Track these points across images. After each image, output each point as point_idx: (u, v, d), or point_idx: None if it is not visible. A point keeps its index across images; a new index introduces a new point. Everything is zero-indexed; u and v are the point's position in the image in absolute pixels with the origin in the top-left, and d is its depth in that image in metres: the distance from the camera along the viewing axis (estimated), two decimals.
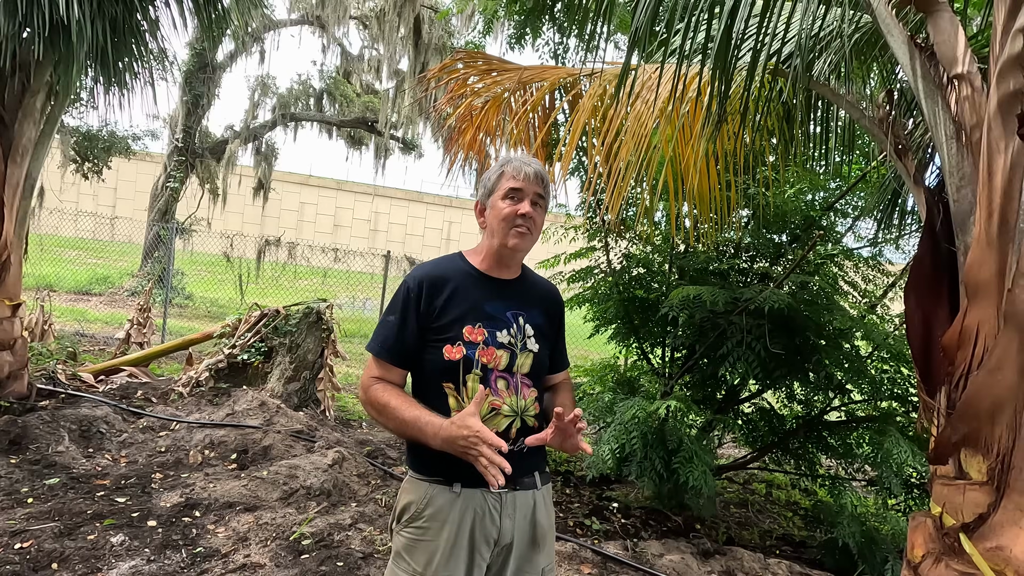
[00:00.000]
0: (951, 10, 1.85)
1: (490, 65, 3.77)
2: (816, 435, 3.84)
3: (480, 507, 1.36)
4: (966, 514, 1.60)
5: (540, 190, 1.45)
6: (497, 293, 1.45)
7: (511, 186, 1.43)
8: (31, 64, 3.45)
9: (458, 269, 1.46)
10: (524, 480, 1.42)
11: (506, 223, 1.42)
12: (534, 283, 1.55)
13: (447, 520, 1.34)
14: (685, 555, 3.03)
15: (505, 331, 1.42)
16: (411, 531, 1.38)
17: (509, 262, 1.47)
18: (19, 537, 2.47)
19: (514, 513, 1.39)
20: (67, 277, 12.64)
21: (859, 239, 4.18)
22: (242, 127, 14.01)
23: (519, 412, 1.40)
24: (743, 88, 2.29)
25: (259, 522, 2.83)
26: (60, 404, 4.10)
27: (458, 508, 1.35)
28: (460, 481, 1.35)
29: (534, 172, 1.44)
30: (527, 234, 1.42)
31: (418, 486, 1.39)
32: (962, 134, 1.77)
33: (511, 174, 1.44)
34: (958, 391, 1.66)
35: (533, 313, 1.48)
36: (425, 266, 1.47)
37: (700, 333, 3.55)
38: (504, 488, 1.33)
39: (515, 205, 1.42)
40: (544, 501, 1.47)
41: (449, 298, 1.40)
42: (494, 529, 1.37)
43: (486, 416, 1.36)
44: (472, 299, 1.41)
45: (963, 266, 1.73)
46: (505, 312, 1.43)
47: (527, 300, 1.49)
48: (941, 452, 1.69)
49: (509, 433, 1.39)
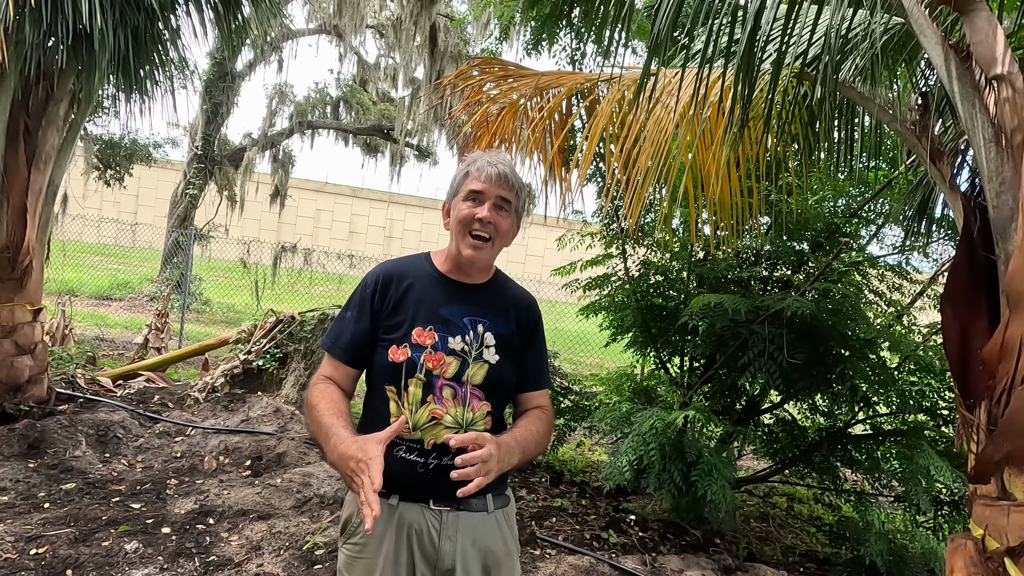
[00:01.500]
0: (988, 9, 1.78)
1: (506, 71, 3.75)
2: (841, 448, 3.73)
3: (418, 524, 1.26)
4: (1011, 538, 1.51)
5: (505, 193, 1.33)
6: (457, 297, 1.35)
7: (471, 188, 1.33)
8: (55, 72, 3.50)
9: (420, 269, 1.38)
10: (471, 501, 1.28)
11: (462, 226, 1.32)
12: (505, 290, 1.43)
13: (384, 536, 1.25)
14: (706, 571, 2.95)
15: (459, 337, 1.31)
16: (350, 547, 1.30)
17: (468, 269, 1.37)
18: (35, 543, 2.47)
19: (455, 536, 1.27)
20: (89, 282, 12.86)
21: (884, 247, 4.08)
22: (260, 135, 14.19)
23: (464, 425, 1.28)
24: (768, 91, 2.23)
25: (272, 531, 2.80)
26: (78, 408, 4.13)
27: (395, 523, 1.26)
28: (398, 493, 1.26)
29: (497, 173, 1.32)
30: (484, 244, 1.32)
31: (356, 497, 1.28)
32: (1002, 137, 1.69)
33: (474, 175, 1.34)
34: (1000, 406, 1.58)
35: (498, 322, 1.36)
36: (387, 263, 1.40)
37: (720, 342, 3.48)
38: (444, 507, 1.26)
39: (474, 208, 1.32)
40: (499, 526, 1.34)
41: (404, 297, 1.32)
42: (433, 550, 1.26)
43: (425, 424, 1.26)
44: (428, 301, 1.32)
45: (1003, 275, 1.66)
46: (462, 318, 1.33)
47: (492, 307, 1.37)
48: (982, 471, 1.61)
49: (449, 448, 1.25)
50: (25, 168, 3.67)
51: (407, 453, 1.27)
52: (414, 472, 1.26)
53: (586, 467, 4.97)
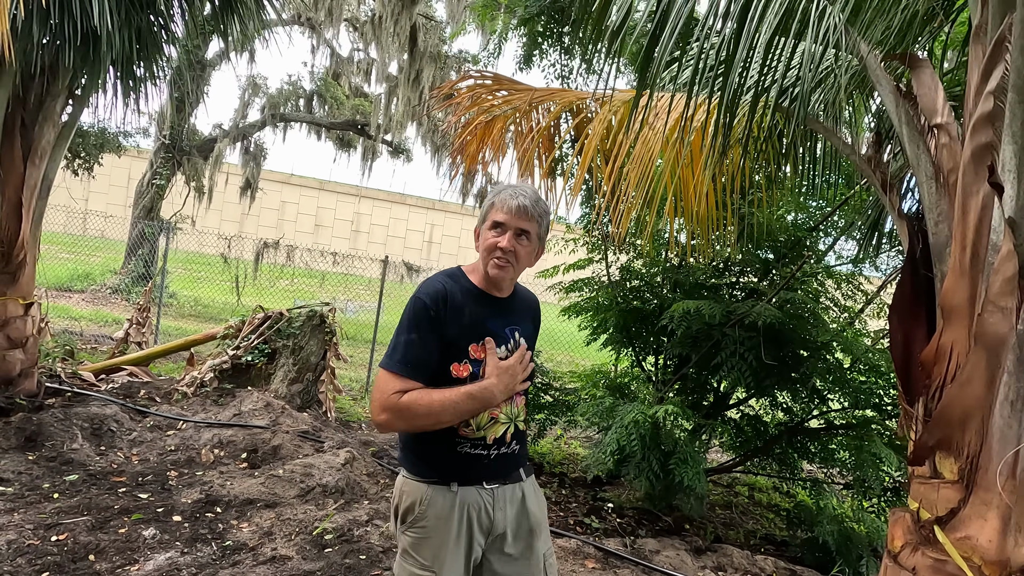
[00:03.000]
0: (931, 67, 2.11)
1: (500, 85, 3.96)
2: (798, 441, 4.11)
3: (476, 503, 1.49)
4: (940, 509, 1.83)
5: (524, 224, 1.49)
6: (496, 311, 1.55)
7: (495, 219, 1.50)
8: (59, 68, 3.53)
9: (463, 287, 1.53)
10: (512, 475, 1.57)
11: (487, 253, 1.51)
12: (522, 297, 1.67)
13: (448, 518, 1.46)
14: (680, 552, 3.25)
15: (503, 347, 1.53)
16: (416, 531, 1.48)
17: (500, 285, 1.55)
18: (54, 530, 2.56)
19: (505, 506, 1.53)
20: (44, 272, 12.41)
21: (839, 258, 4.48)
22: (231, 126, 13.95)
23: (512, 419, 1.55)
24: (746, 122, 2.52)
25: (280, 518, 2.96)
26: (68, 402, 4.15)
27: (456, 506, 1.47)
28: (456, 480, 1.48)
29: (518, 206, 1.48)
30: (506, 266, 1.50)
31: (416, 487, 1.49)
32: (940, 176, 2.01)
33: (498, 206, 1.50)
34: (934, 401, 1.90)
35: (524, 326, 1.61)
36: (434, 282, 1.52)
37: (694, 343, 3.79)
38: (494, 484, 1.53)
39: (496, 237, 1.49)
40: (533, 491, 1.62)
41: (458, 316, 1.47)
42: (488, 521, 1.50)
43: (486, 424, 1.50)
44: (476, 317, 1.49)
45: (939, 291, 1.98)
46: (504, 328, 1.54)
47: (518, 314, 1.61)
48: (919, 455, 1.93)
49: (505, 437, 1.53)
50: (21, 163, 3.68)
51: (472, 448, 1.50)
52: (479, 463, 1.51)
53: (564, 459, 5.25)
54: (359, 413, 5.64)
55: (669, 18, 2.10)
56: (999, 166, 1.74)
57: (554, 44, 4.60)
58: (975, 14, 1.92)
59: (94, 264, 14.35)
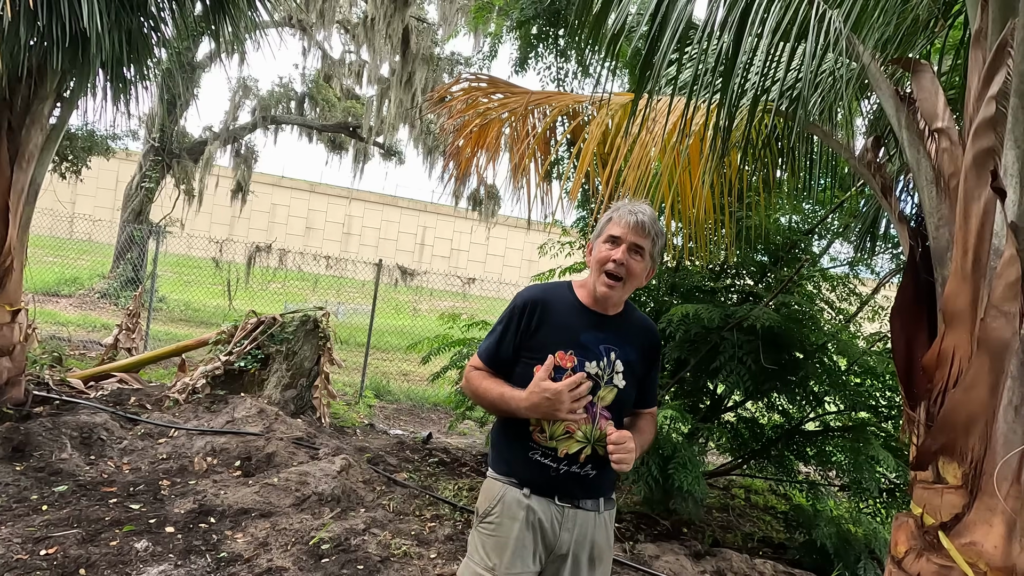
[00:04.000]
0: (932, 71, 2.11)
1: (495, 87, 3.94)
2: (795, 443, 4.12)
3: (544, 515, 1.48)
4: (944, 514, 1.83)
5: (640, 240, 1.51)
6: (595, 325, 1.54)
7: (611, 233, 1.53)
8: (47, 70, 3.47)
9: (564, 298, 1.57)
10: (586, 501, 1.53)
11: (599, 266, 1.53)
12: (634, 321, 1.64)
13: (516, 517, 1.47)
14: (679, 556, 3.23)
15: (595, 362, 1.50)
16: (486, 527, 1.51)
17: (604, 303, 1.55)
18: (43, 544, 2.50)
19: (573, 528, 1.50)
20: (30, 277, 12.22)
21: (834, 260, 4.50)
22: (222, 128, 13.84)
23: (591, 440, 1.50)
24: (745, 126, 2.52)
25: (276, 527, 2.91)
26: (56, 411, 4.07)
27: (524, 509, 1.48)
28: (530, 487, 1.49)
29: (636, 221, 1.51)
30: (616, 283, 1.51)
31: (493, 485, 1.54)
32: (941, 180, 2.01)
33: (616, 220, 1.54)
34: (937, 406, 1.89)
35: (627, 349, 1.56)
36: (535, 288, 1.61)
37: (692, 347, 3.78)
38: (566, 503, 1.50)
39: (611, 251, 1.52)
40: (605, 526, 1.58)
41: (549, 322, 1.51)
42: (553, 538, 1.49)
43: (561, 436, 1.48)
44: (570, 327, 1.51)
45: (941, 296, 1.98)
46: (599, 345, 1.52)
47: (624, 336, 1.57)
48: (922, 459, 1.92)
49: (578, 458, 1.50)
50: (8, 167, 3.61)
51: (542, 457, 1.49)
52: (547, 474, 1.49)
53: None
54: (354, 419, 5.58)
55: (669, 21, 2.09)
56: (1001, 171, 1.73)
57: (550, 47, 4.60)
58: (974, 19, 1.92)
59: (82, 268, 14.16)
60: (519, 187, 3.77)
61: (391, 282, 11.98)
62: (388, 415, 6.49)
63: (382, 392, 7.28)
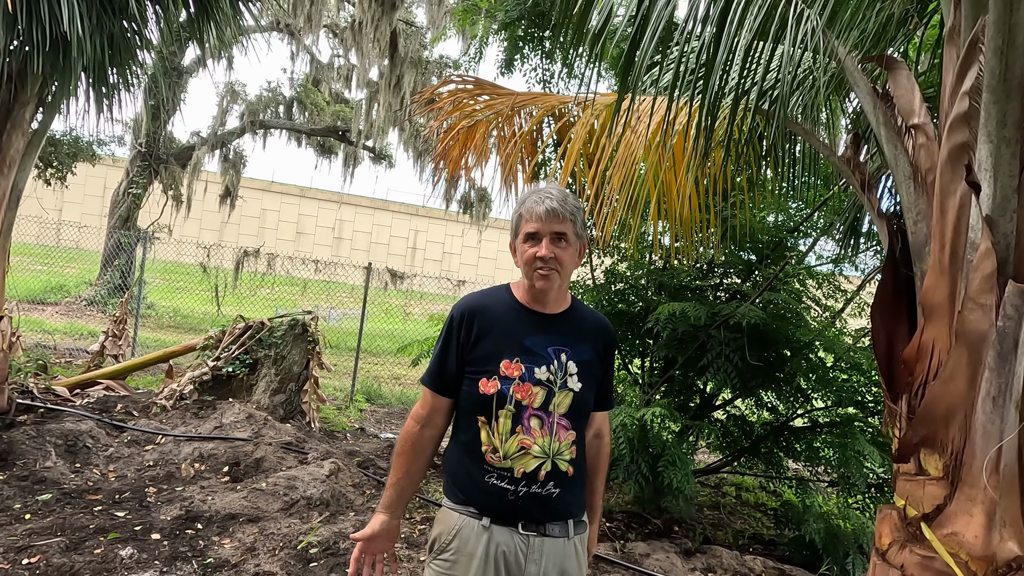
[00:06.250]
0: (908, 68, 2.13)
1: (482, 89, 3.95)
2: (783, 440, 4.14)
3: (507, 546, 1.34)
4: (926, 505, 1.84)
5: (557, 227, 1.39)
6: (540, 327, 1.42)
7: (527, 230, 1.41)
8: (27, 75, 3.43)
9: (502, 302, 1.45)
10: (553, 527, 1.38)
11: (528, 267, 1.41)
12: (584, 317, 1.50)
13: (474, 555, 1.33)
14: (670, 554, 3.24)
15: (544, 367, 1.38)
16: (439, 563, 1.38)
17: (543, 299, 1.44)
18: (25, 553, 2.47)
19: (540, 559, 1.35)
20: (14, 284, 12.09)
21: (820, 258, 4.54)
22: (210, 133, 13.76)
23: (550, 454, 1.36)
24: (727, 125, 2.54)
25: (264, 532, 2.89)
26: (40, 419, 4.02)
27: (483, 543, 1.34)
28: (491, 517, 1.35)
29: (546, 210, 1.38)
30: (550, 274, 1.39)
31: (449, 516, 1.40)
32: (918, 175, 2.04)
33: (526, 216, 1.41)
34: (917, 399, 1.91)
35: (580, 349, 1.43)
36: (471, 296, 1.48)
37: (680, 345, 3.80)
38: (531, 530, 1.35)
39: (533, 248, 1.39)
40: (576, 552, 1.42)
41: (489, 331, 1.39)
42: (518, 571, 1.34)
43: (515, 454, 1.35)
44: (512, 333, 1.39)
45: (919, 290, 2.00)
46: (546, 348, 1.40)
47: (575, 335, 1.45)
48: (904, 452, 1.94)
49: (537, 475, 1.35)
50: None
51: (498, 480, 1.35)
52: (505, 499, 1.35)
53: None
54: (344, 423, 5.56)
55: (649, 22, 2.11)
56: (976, 165, 1.76)
57: (535, 48, 4.61)
58: (948, 16, 1.95)
59: (68, 276, 14.02)
60: (508, 187, 3.78)
61: (381, 285, 11.94)
62: (379, 419, 6.46)
63: (373, 396, 7.25)
